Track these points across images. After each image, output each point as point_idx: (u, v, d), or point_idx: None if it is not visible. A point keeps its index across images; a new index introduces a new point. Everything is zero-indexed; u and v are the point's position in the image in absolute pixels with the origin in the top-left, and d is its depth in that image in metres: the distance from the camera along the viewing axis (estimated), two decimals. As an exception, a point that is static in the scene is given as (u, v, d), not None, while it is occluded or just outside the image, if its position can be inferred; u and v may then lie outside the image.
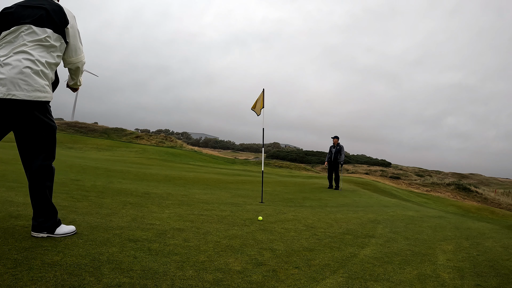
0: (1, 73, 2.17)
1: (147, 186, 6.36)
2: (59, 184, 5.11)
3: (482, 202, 22.44)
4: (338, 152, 11.03)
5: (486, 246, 3.87)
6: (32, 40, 2.30)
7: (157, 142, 35.03)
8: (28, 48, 2.27)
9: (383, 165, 51.34)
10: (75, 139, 28.45)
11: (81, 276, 1.73)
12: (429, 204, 15.81)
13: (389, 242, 3.46)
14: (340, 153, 10.99)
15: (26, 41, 2.28)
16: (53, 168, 2.40)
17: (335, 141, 11.21)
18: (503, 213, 16.91)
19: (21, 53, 2.24)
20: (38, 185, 2.30)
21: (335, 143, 11.19)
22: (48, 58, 2.34)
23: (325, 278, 2.17)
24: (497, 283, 2.45)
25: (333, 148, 11.19)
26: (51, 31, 2.33)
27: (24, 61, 2.22)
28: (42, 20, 2.33)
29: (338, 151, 11.05)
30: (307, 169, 36.25)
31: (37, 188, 2.30)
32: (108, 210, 3.51)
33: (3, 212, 2.79)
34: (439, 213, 7.87)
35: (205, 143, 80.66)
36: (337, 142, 11.17)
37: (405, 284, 2.22)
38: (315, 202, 6.87)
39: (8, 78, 2.16)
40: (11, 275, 1.64)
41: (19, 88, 2.17)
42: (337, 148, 11.07)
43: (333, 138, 11.33)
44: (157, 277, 1.86)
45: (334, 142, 11.22)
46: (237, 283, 1.92)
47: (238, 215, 4.07)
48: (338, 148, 11.07)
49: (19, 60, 2.22)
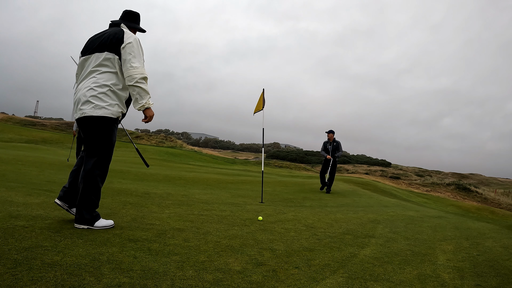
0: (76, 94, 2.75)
1: (147, 186, 6.36)
2: (59, 184, 5.10)
3: (482, 202, 22.43)
4: (336, 149, 9.59)
5: (486, 246, 3.87)
6: (96, 65, 2.70)
7: (157, 142, 35.02)
8: (94, 73, 2.69)
9: (383, 165, 51.34)
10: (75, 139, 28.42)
11: (81, 276, 1.73)
12: (429, 204, 15.80)
13: (389, 242, 3.46)
14: (338, 150, 9.62)
15: (92, 67, 2.70)
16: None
17: (330, 136, 9.63)
18: (503, 213, 16.91)
19: (88, 78, 2.71)
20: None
21: (330, 139, 9.65)
22: (112, 79, 2.70)
23: (325, 278, 2.17)
24: (497, 283, 2.45)
25: (329, 145, 9.69)
26: (107, 52, 2.68)
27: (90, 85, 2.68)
28: (103, 46, 2.71)
29: (336, 148, 9.59)
30: (307, 169, 36.24)
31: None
32: (108, 210, 3.51)
33: (3, 212, 2.79)
34: (439, 213, 7.87)
35: (205, 143, 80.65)
36: (333, 138, 9.64)
37: (405, 284, 2.22)
38: (315, 202, 6.87)
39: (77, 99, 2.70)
40: (11, 275, 1.64)
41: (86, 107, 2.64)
42: (334, 145, 9.60)
43: (327, 132, 9.70)
44: (157, 277, 1.86)
45: (330, 137, 9.65)
46: (237, 283, 1.92)
47: (238, 215, 4.07)
48: (335, 145, 9.60)
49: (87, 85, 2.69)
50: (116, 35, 2.70)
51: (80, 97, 2.67)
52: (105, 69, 2.69)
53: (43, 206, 3.25)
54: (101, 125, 2.66)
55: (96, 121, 2.64)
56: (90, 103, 2.62)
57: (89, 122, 2.65)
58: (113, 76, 2.70)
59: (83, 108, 2.64)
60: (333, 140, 9.63)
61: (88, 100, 2.62)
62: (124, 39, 2.68)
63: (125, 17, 2.97)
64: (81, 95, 2.66)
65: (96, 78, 2.67)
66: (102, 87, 2.65)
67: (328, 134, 9.67)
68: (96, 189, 2.69)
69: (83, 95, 2.65)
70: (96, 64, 2.70)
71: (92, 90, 2.63)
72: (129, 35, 2.73)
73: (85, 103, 2.63)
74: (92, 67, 2.71)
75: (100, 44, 2.72)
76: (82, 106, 2.64)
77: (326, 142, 9.80)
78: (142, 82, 2.66)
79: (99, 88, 2.64)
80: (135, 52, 2.67)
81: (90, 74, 2.71)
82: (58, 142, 25.39)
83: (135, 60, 2.66)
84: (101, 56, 2.69)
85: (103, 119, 2.65)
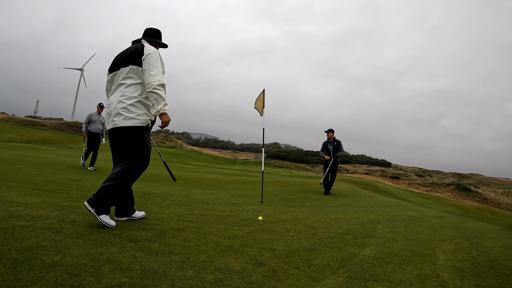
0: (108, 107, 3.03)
1: (147, 186, 6.36)
2: (59, 184, 5.11)
3: (482, 202, 22.43)
4: (336, 149, 9.11)
5: (486, 246, 3.87)
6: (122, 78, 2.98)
7: (157, 142, 35.02)
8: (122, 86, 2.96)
9: (383, 165, 51.33)
10: (75, 139, 28.43)
11: (81, 276, 1.73)
12: (429, 204, 15.80)
13: (389, 242, 3.46)
14: (339, 149, 9.14)
15: (119, 81, 3.00)
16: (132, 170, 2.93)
17: (330, 136, 9.14)
18: (503, 213, 16.91)
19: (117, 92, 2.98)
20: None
21: (330, 138, 9.15)
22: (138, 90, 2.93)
23: (325, 278, 2.17)
24: (497, 283, 2.45)
25: (329, 145, 9.19)
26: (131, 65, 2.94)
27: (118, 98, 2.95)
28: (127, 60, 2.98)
29: (336, 147, 9.11)
30: (307, 169, 36.24)
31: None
32: (108, 210, 3.51)
33: (3, 212, 2.79)
34: (439, 213, 7.87)
35: (205, 143, 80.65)
36: (333, 137, 9.15)
37: (405, 284, 2.22)
38: (315, 202, 6.87)
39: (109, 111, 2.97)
40: (11, 275, 1.64)
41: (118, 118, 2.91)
42: (335, 145, 9.10)
43: (327, 132, 9.20)
44: (157, 277, 1.86)
45: (330, 136, 9.15)
46: (237, 283, 1.92)
47: (238, 215, 4.06)
48: (336, 145, 9.11)
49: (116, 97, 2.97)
50: (137, 49, 2.97)
51: (111, 110, 2.95)
52: (131, 81, 2.96)
53: (43, 206, 3.25)
54: (133, 133, 2.91)
55: (128, 130, 2.90)
56: (120, 115, 2.88)
57: (122, 132, 2.91)
58: (139, 86, 2.95)
59: (115, 119, 2.90)
60: (333, 140, 9.18)
61: (118, 113, 2.89)
62: (144, 51, 2.94)
63: (146, 34, 3.24)
64: (113, 108, 2.94)
65: (123, 91, 2.94)
66: (130, 99, 2.90)
67: (328, 134, 9.21)
68: (123, 188, 2.87)
69: (114, 108, 2.92)
70: (123, 77, 2.98)
71: (121, 103, 2.90)
72: (148, 47, 2.98)
73: (116, 115, 2.90)
74: (119, 81, 3.00)
75: (124, 59, 3.00)
76: (114, 118, 2.91)
77: (326, 142, 9.34)
78: (159, 88, 2.85)
79: (127, 100, 2.90)
80: (153, 62, 2.90)
81: (118, 88, 3.00)
82: (58, 142, 25.39)
83: (154, 68, 2.88)
84: (126, 69, 2.96)
85: (134, 129, 2.90)
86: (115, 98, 2.96)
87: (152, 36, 3.23)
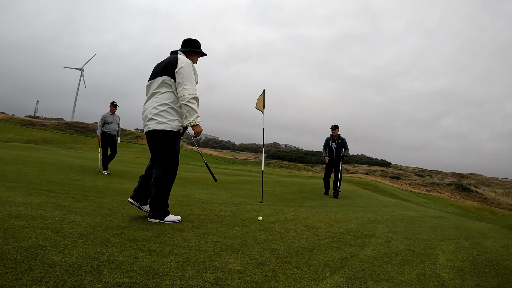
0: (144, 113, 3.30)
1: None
2: (59, 184, 5.11)
3: (482, 202, 22.43)
4: (341, 146, 8.38)
5: (486, 246, 3.87)
6: (157, 86, 3.22)
7: (157, 142, 34.95)
8: (156, 94, 3.21)
9: (383, 165, 51.32)
10: (75, 139, 28.43)
11: (81, 276, 1.73)
12: (429, 204, 15.81)
13: (389, 242, 3.46)
14: (344, 147, 8.42)
15: (154, 90, 3.24)
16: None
17: (335, 133, 8.40)
18: (503, 213, 16.91)
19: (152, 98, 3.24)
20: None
21: (335, 135, 8.42)
22: (171, 98, 3.17)
23: (325, 278, 2.17)
24: (497, 283, 2.45)
25: (332, 142, 8.45)
26: (164, 76, 3.18)
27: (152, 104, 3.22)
28: (162, 71, 3.21)
29: (341, 145, 8.38)
30: (307, 169, 36.24)
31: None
32: (108, 210, 3.51)
33: (3, 212, 2.79)
34: (439, 213, 7.86)
35: (205, 143, 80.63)
36: (338, 134, 8.43)
37: (405, 284, 2.22)
38: (315, 202, 6.87)
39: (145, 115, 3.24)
40: (11, 275, 1.64)
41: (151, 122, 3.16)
42: (339, 142, 8.38)
43: (332, 128, 8.43)
44: (157, 277, 1.86)
45: (335, 134, 8.41)
46: (237, 283, 1.92)
47: (238, 215, 4.06)
48: (340, 143, 8.38)
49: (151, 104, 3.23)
50: (171, 61, 3.19)
51: (146, 114, 3.22)
52: (164, 89, 3.19)
53: (43, 206, 3.25)
54: (164, 137, 3.16)
55: (160, 134, 3.15)
56: (153, 120, 3.14)
57: (154, 135, 3.17)
58: (171, 95, 3.19)
59: (148, 123, 3.18)
60: (337, 137, 8.42)
61: (152, 118, 3.15)
62: (178, 64, 3.15)
63: (184, 44, 3.46)
64: (147, 113, 3.21)
65: (158, 98, 3.19)
66: (162, 105, 3.15)
67: (333, 131, 8.42)
68: (166, 191, 3.23)
69: (149, 112, 3.19)
70: (157, 86, 3.23)
71: (155, 109, 3.16)
72: (182, 60, 3.19)
73: (150, 120, 3.17)
74: (154, 89, 3.24)
75: (160, 70, 3.24)
76: (148, 122, 3.18)
77: (328, 138, 8.55)
78: (193, 102, 3.10)
79: (160, 106, 3.15)
80: (186, 75, 3.12)
81: (153, 95, 3.25)
82: (58, 142, 25.39)
83: (187, 82, 3.11)
84: (160, 79, 3.20)
85: (165, 132, 3.15)
86: (150, 104, 3.23)
87: (189, 46, 3.42)
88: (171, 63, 3.18)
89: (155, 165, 3.24)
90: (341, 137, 8.44)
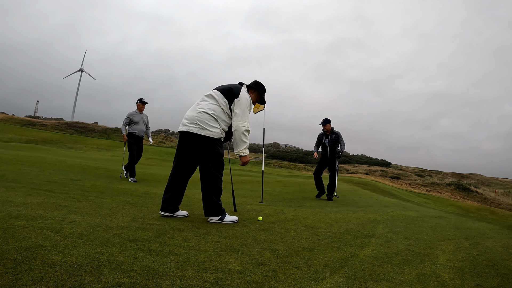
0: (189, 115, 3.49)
1: (147, 186, 6.36)
2: (59, 184, 5.11)
3: (482, 202, 22.42)
4: (335, 143, 7.47)
5: (486, 246, 3.87)
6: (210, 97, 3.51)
7: (157, 142, 35.01)
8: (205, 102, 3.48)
9: (383, 165, 51.31)
10: (75, 139, 28.43)
11: (81, 276, 1.73)
12: (429, 204, 15.80)
13: (389, 242, 3.46)
14: (339, 142, 7.51)
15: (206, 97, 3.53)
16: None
17: (327, 128, 7.47)
18: (503, 213, 16.90)
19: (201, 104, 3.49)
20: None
21: (328, 130, 7.49)
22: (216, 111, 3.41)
23: (325, 278, 2.17)
24: (497, 283, 2.45)
25: (325, 138, 7.54)
26: (221, 94, 3.46)
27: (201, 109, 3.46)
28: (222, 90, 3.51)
29: (335, 141, 7.47)
30: (307, 169, 36.23)
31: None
32: (108, 210, 3.51)
33: (3, 212, 2.79)
34: (439, 213, 7.86)
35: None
36: (331, 128, 7.52)
37: (405, 284, 2.22)
38: (315, 202, 6.87)
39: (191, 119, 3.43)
40: (11, 275, 1.64)
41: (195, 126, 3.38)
42: (333, 138, 7.47)
43: (323, 124, 7.48)
44: (157, 277, 1.86)
45: (326, 128, 7.49)
46: (237, 283, 1.92)
47: (238, 215, 4.06)
48: (335, 138, 7.47)
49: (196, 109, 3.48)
50: (234, 89, 3.50)
51: (191, 115, 3.41)
52: (214, 102, 3.44)
53: (43, 206, 3.25)
54: (207, 142, 3.37)
55: (202, 139, 3.36)
56: (196, 124, 3.36)
57: (197, 139, 3.36)
58: (219, 109, 3.42)
59: (190, 125, 3.38)
60: (331, 132, 7.51)
61: (195, 122, 3.37)
62: (240, 95, 3.47)
63: (252, 82, 3.82)
64: (192, 115, 3.41)
65: (205, 106, 3.42)
66: (207, 114, 3.38)
67: (324, 126, 7.49)
68: (218, 191, 3.47)
69: (194, 115, 3.40)
70: (209, 97, 3.51)
71: (200, 114, 3.38)
72: (244, 94, 3.51)
73: (192, 123, 3.38)
74: (206, 99, 3.51)
75: (221, 89, 3.53)
76: (190, 124, 3.38)
77: (321, 134, 7.64)
78: (245, 134, 3.45)
79: (205, 113, 3.38)
80: (244, 108, 3.44)
81: (201, 103, 3.50)
82: (58, 142, 25.38)
83: (244, 115, 3.43)
84: (215, 94, 3.47)
85: (207, 138, 3.36)
86: (197, 108, 3.45)
87: (255, 85, 3.78)
88: (233, 91, 3.47)
89: (202, 170, 3.45)
90: (334, 131, 7.53)
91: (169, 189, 3.48)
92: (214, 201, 3.45)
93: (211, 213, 3.47)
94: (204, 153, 3.39)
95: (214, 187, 3.45)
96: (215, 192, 3.46)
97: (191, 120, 3.40)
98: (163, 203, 3.50)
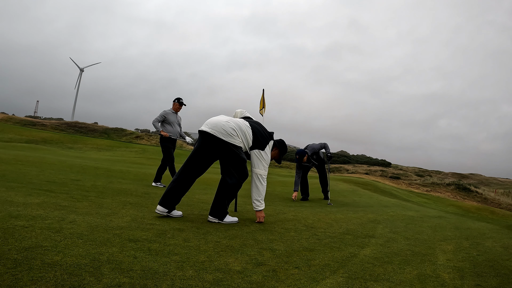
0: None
1: (147, 186, 6.36)
2: (59, 184, 5.11)
3: (482, 202, 22.42)
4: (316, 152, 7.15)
5: (486, 246, 3.87)
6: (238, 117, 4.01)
7: (157, 142, 34.99)
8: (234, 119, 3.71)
9: (383, 165, 51.31)
10: (75, 139, 28.44)
11: (81, 276, 1.73)
12: (429, 204, 15.79)
13: (389, 242, 3.46)
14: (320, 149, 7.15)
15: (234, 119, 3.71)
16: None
17: (304, 160, 6.90)
18: (503, 213, 16.90)
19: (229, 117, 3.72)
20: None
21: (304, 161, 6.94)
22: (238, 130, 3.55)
23: (325, 278, 2.17)
24: (497, 283, 2.45)
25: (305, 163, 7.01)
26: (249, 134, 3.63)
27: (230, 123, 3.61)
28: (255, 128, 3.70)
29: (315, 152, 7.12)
30: (307, 169, 36.20)
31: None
32: (108, 210, 3.51)
33: (3, 212, 2.79)
34: (439, 213, 7.86)
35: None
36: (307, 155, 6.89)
37: (405, 284, 2.22)
38: (315, 202, 6.87)
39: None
40: (11, 275, 1.64)
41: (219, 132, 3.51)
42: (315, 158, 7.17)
43: (299, 158, 6.82)
44: (157, 277, 1.86)
45: (304, 161, 6.90)
46: (237, 283, 1.92)
47: (238, 215, 4.06)
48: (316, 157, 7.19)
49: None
50: (264, 140, 3.72)
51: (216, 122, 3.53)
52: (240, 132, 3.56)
53: (43, 206, 3.25)
54: (231, 149, 3.48)
55: (226, 145, 3.46)
56: (224, 130, 3.47)
57: (220, 144, 3.46)
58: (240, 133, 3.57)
59: (215, 129, 3.46)
60: (308, 158, 6.92)
61: (222, 128, 3.48)
62: (265, 148, 3.71)
63: (279, 141, 4.03)
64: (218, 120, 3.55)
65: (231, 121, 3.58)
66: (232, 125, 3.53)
67: (300, 158, 6.84)
68: (232, 197, 3.64)
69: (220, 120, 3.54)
70: (239, 117, 3.99)
71: (227, 122, 3.53)
72: (269, 148, 3.77)
73: (218, 128, 3.47)
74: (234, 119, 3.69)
75: (253, 124, 3.75)
76: (215, 128, 3.47)
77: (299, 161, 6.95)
78: (259, 178, 3.64)
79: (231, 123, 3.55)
80: (267, 159, 3.70)
81: (232, 117, 3.82)
82: (58, 142, 25.38)
83: (266, 164, 3.69)
84: (244, 125, 3.64)
85: (231, 144, 3.48)
86: (223, 117, 3.63)
87: (280, 144, 4.01)
88: (262, 143, 3.67)
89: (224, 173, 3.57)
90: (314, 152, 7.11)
91: (176, 182, 3.46)
92: (224, 204, 3.53)
93: (217, 214, 3.53)
94: (227, 158, 3.50)
95: (231, 193, 3.58)
96: (229, 197, 3.57)
97: (215, 125, 3.49)
98: (164, 196, 3.44)
